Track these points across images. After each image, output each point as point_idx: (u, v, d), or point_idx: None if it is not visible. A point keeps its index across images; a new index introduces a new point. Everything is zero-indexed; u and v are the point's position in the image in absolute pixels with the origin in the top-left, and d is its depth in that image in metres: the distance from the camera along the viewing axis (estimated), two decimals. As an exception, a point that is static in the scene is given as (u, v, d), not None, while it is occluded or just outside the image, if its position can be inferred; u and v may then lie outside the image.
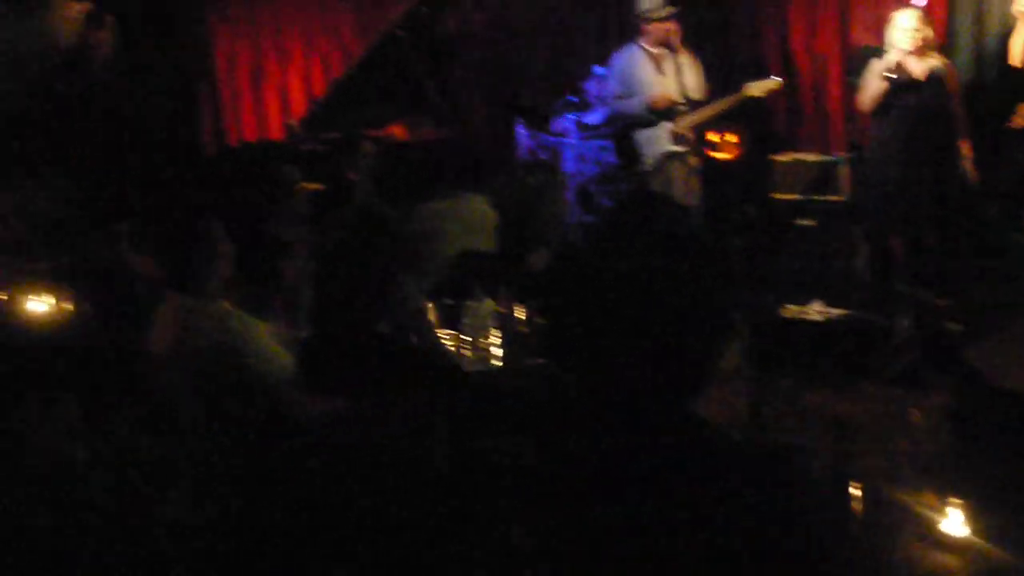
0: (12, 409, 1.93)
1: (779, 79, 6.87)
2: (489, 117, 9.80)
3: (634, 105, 6.79)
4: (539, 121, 8.58)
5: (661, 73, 6.87)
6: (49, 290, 4.63)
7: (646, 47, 6.84)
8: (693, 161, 6.88)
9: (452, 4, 9.44)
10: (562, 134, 8.21)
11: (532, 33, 9.57)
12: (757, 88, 6.72)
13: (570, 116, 8.22)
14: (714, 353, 2.06)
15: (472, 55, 9.70)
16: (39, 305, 4.49)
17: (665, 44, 6.83)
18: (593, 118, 8.17)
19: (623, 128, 7.07)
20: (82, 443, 2.51)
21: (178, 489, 2.89)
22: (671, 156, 6.80)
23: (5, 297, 4.52)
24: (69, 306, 4.50)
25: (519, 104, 9.46)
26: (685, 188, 6.79)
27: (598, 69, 8.20)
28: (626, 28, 8.27)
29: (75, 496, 2.24)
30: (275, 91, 9.80)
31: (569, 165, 8.01)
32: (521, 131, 8.39)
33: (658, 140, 6.81)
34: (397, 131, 8.83)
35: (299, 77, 9.83)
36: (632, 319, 2.47)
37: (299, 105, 9.62)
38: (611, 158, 7.93)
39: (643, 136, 6.87)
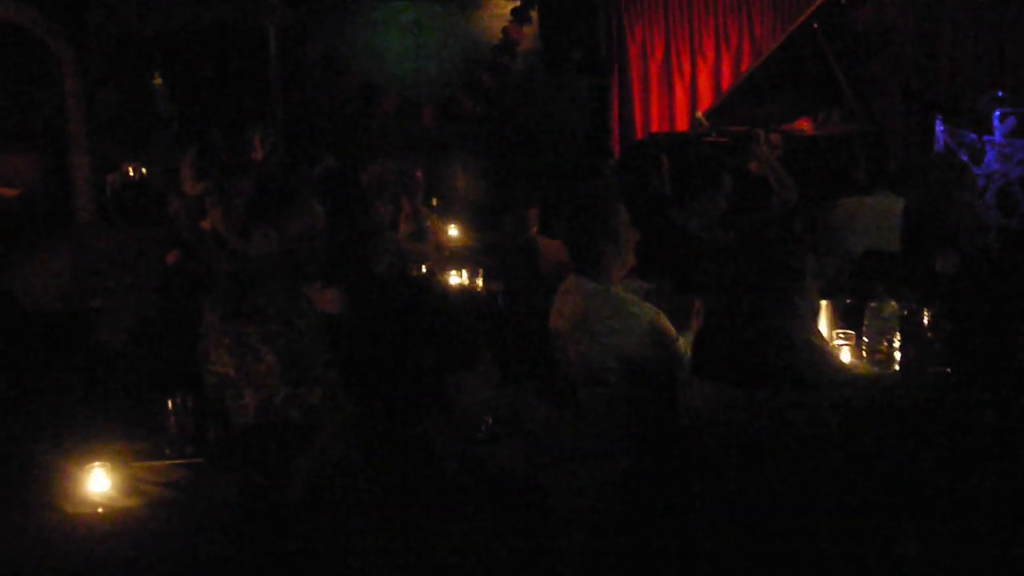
0: (445, 372, 2.12)
1: None
2: (906, 113, 9.32)
3: None
4: (960, 117, 8.05)
5: None
6: (465, 266, 4.99)
7: None
8: None
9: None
10: (985, 131, 7.66)
11: (963, 26, 8.98)
12: None
13: (996, 112, 7.65)
14: None
15: (891, 48, 9.27)
16: (456, 279, 4.87)
17: None
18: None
19: None
20: (496, 406, 2.71)
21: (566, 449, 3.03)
22: None
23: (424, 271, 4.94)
24: (482, 281, 4.84)
25: (939, 100, 8.92)
26: None
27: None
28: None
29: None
30: (684, 83, 9.89)
31: (991, 165, 7.46)
32: (939, 127, 7.91)
33: None
34: (804, 125, 8.64)
35: (708, 70, 9.86)
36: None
37: (707, 97, 9.66)
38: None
39: None
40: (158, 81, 9.28)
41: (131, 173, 8.03)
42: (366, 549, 1.99)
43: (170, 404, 3.08)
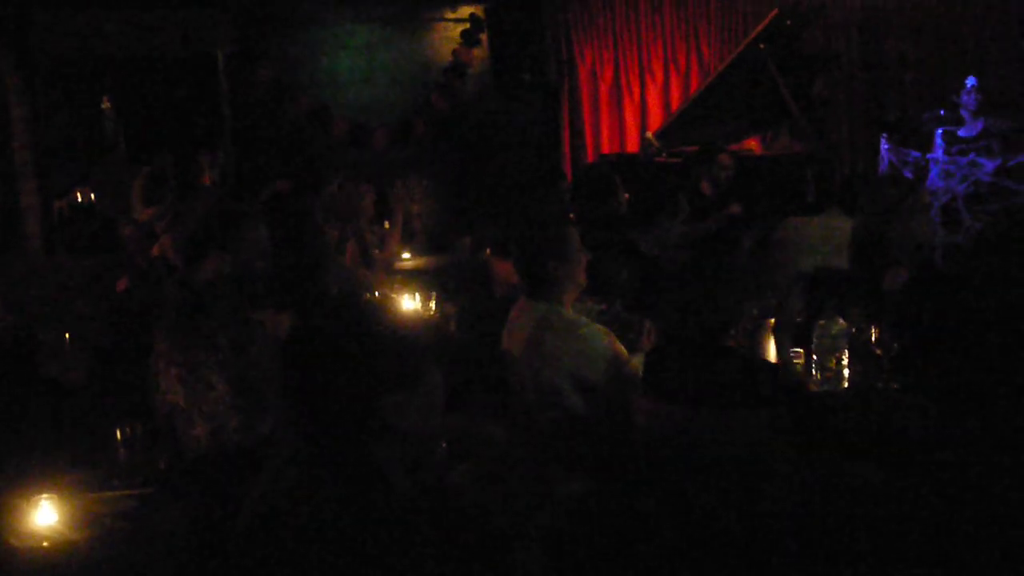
0: (383, 394, 2.10)
1: None
2: (851, 132, 9.47)
3: None
4: (904, 136, 8.19)
5: None
6: (418, 289, 4.98)
7: None
8: None
9: (818, 16, 9.21)
10: (928, 149, 7.79)
11: (904, 45, 9.16)
12: None
13: (939, 130, 7.78)
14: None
15: (837, 69, 9.42)
16: (408, 302, 4.85)
17: None
18: (967, 132, 7.69)
19: None
20: (449, 430, 2.71)
21: (520, 472, 3.03)
22: None
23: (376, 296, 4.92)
24: (434, 304, 4.83)
25: (883, 118, 9.07)
26: None
27: (971, 80, 7.71)
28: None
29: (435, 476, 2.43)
30: (634, 104, 9.96)
31: (935, 182, 7.59)
32: (884, 146, 8.04)
33: None
34: (752, 145, 8.74)
35: (658, 91, 9.94)
36: (999, 348, 2.32)
37: (656, 119, 9.74)
38: (982, 175, 7.43)
39: None
40: (107, 106, 9.20)
41: (80, 199, 7.95)
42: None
43: (119, 434, 3.05)
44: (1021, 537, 2.35)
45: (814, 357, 3.75)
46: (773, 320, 3.97)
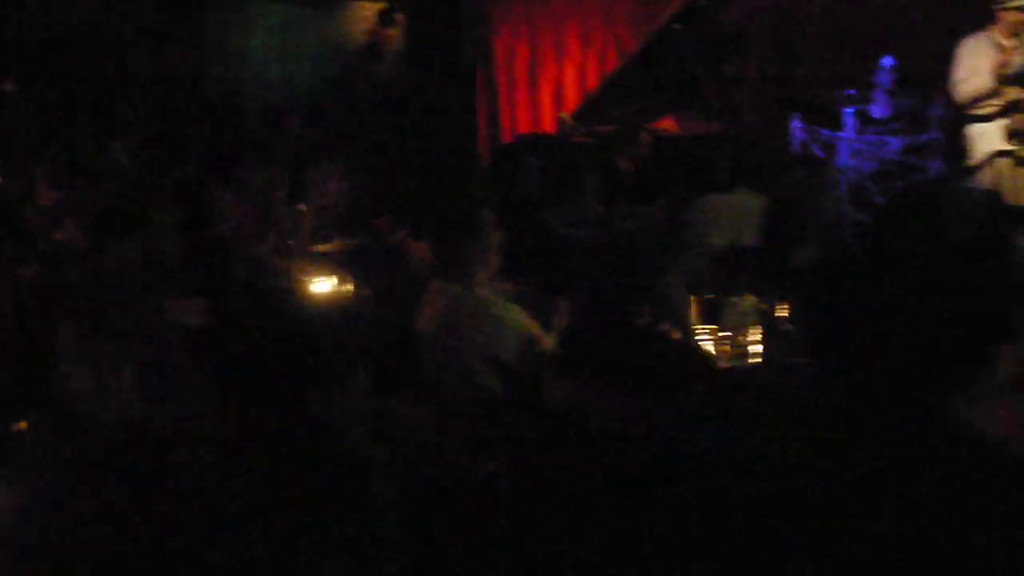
0: (307, 387, 2.09)
1: None
2: (764, 111, 9.59)
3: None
4: (815, 115, 8.32)
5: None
6: (334, 272, 4.94)
7: (997, 38, 6.34)
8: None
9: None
10: (838, 128, 7.93)
11: (816, 25, 9.29)
12: None
13: (849, 110, 7.93)
14: (994, 361, 1.95)
15: (752, 48, 9.52)
16: (324, 286, 4.81)
17: (1017, 35, 6.28)
18: (878, 111, 7.83)
19: (956, 121, 6.70)
20: (368, 418, 2.70)
21: (442, 456, 3.03)
22: (1002, 153, 6.30)
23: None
24: (350, 287, 4.79)
25: (796, 98, 9.20)
26: (1014, 186, 6.26)
27: (888, 60, 7.85)
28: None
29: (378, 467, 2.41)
30: (550, 84, 9.97)
31: (844, 160, 7.73)
32: (796, 125, 8.16)
33: (990, 135, 6.33)
34: (668, 124, 8.81)
35: (574, 70, 9.96)
36: (903, 320, 2.37)
37: (572, 98, 9.76)
38: (889, 153, 7.59)
39: (975, 130, 6.43)
40: (10, 87, 8.94)
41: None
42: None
43: (24, 425, 2.98)
44: (938, 510, 2.40)
45: (725, 333, 3.81)
46: (686, 297, 4.02)
